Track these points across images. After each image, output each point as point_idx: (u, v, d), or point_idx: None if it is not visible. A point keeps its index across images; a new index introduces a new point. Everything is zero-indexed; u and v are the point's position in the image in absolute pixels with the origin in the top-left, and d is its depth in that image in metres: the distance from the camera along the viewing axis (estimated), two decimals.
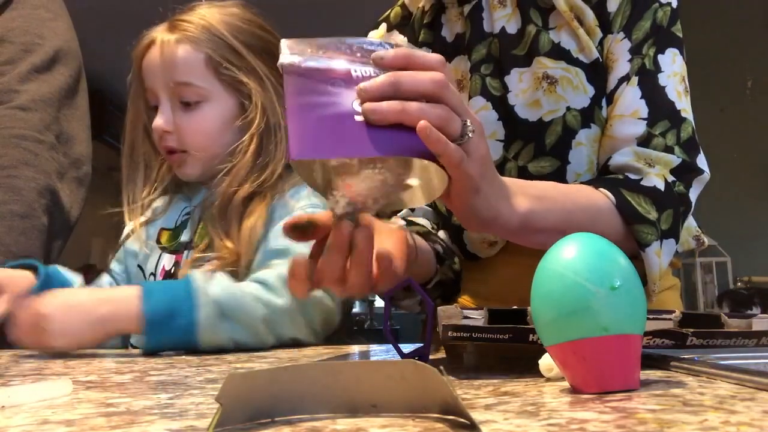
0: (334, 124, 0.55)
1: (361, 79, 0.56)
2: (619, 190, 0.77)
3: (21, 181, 1.02)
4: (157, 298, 0.80)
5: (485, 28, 0.89)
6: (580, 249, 0.41)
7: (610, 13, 0.84)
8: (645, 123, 0.81)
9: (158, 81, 0.97)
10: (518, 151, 0.85)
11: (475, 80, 0.88)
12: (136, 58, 0.99)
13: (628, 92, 0.83)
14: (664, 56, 0.84)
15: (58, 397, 0.45)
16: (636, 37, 0.84)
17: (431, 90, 0.56)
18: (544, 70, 0.84)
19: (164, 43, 0.96)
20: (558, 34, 0.85)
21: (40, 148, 1.06)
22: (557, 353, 0.41)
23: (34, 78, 1.10)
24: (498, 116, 0.86)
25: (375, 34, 1.03)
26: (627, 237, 0.77)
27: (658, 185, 0.78)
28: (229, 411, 0.32)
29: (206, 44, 0.96)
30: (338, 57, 0.58)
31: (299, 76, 0.57)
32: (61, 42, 1.15)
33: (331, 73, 0.57)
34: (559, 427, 0.31)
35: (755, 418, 0.31)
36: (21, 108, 1.06)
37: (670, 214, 0.78)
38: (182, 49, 0.96)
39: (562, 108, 0.83)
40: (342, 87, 0.56)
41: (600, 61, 0.84)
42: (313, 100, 0.56)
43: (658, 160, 0.80)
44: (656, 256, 0.77)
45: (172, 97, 0.96)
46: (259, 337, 0.83)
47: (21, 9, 1.14)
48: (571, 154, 0.84)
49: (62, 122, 1.12)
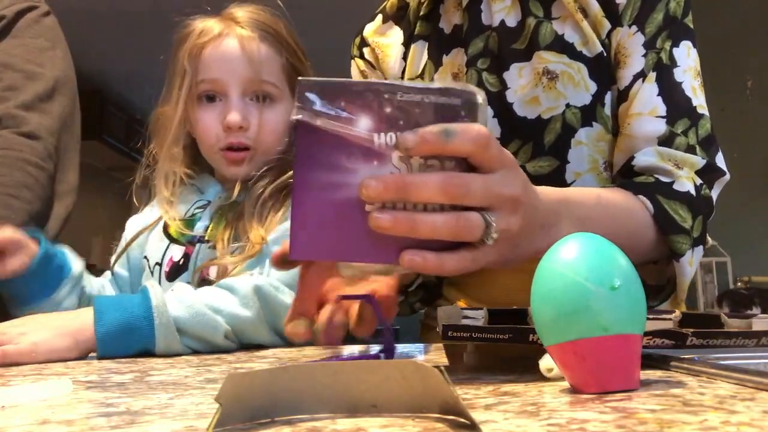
0: (340, 217, 0.49)
1: (384, 148, 0.48)
2: (655, 196, 0.75)
3: (18, 201, 1.05)
4: (112, 317, 0.79)
5: (484, 21, 0.88)
6: (580, 249, 0.41)
7: (618, 5, 0.82)
8: (665, 121, 0.79)
9: (232, 74, 0.95)
10: (516, 150, 0.84)
11: (471, 75, 0.86)
12: (192, 49, 0.97)
13: (645, 89, 0.80)
14: (678, 50, 0.82)
15: (58, 397, 0.45)
16: (649, 31, 0.81)
17: (443, 200, 0.48)
18: (545, 65, 0.82)
19: (245, 39, 0.95)
20: (562, 25, 0.83)
21: (42, 176, 1.09)
22: (557, 353, 0.41)
23: (38, 107, 1.13)
24: (493, 113, 0.84)
25: (371, 26, 1.02)
26: (658, 245, 0.76)
27: (691, 190, 0.76)
28: (228, 411, 0.32)
29: (285, 48, 0.99)
30: (363, 111, 0.48)
31: (310, 144, 0.49)
32: (59, 71, 1.18)
33: (350, 139, 0.48)
34: (559, 427, 0.31)
35: (755, 418, 0.31)
36: (29, 136, 1.09)
37: (700, 221, 0.77)
38: (265, 47, 0.96)
39: (561, 105, 0.81)
40: (359, 161, 0.48)
41: (604, 56, 0.82)
42: (322, 179, 0.49)
43: (684, 162, 0.78)
44: (689, 266, 0.76)
45: (243, 94, 0.95)
46: (220, 347, 0.83)
47: (21, 38, 1.18)
48: (570, 153, 0.82)
49: (60, 152, 1.15)
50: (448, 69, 0.91)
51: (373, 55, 1.01)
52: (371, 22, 1.03)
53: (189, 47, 0.97)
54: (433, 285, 0.90)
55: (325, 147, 0.49)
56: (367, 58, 1.01)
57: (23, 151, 1.08)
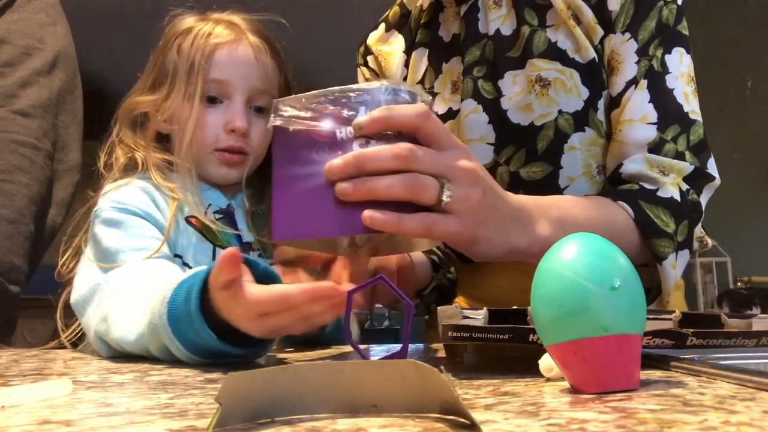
0: (315, 200, 0.58)
1: (344, 141, 0.58)
2: (637, 201, 0.76)
3: (14, 186, 1.02)
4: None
5: (480, 29, 0.89)
6: (580, 249, 0.41)
7: (611, 12, 0.83)
8: (655, 127, 0.80)
9: (244, 80, 0.93)
10: (510, 156, 0.85)
11: (467, 83, 0.87)
12: (204, 47, 0.93)
13: (636, 96, 0.81)
14: (671, 56, 0.83)
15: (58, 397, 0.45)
16: (642, 38, 0.82)
17: (395, 166, 0.56)
18: (538, 72, 0.83)
19: (258, 49, 0.94)
20: (555, 33, 0.84)
21: (37, 156, 1.06)
22: (557, 353, 0.41)
23: (34, 82, 1.09)
24: (489, 119, 0.86)
25: (374, 35, 1.03)
26: (643, 249, 0.76)
27: (675, 195, 0.77)
28: (228, 411, 0.32)
29: (283, 67, 0.98)
30: (326, 114, 0.59)
31: (285, 145, 0.60)
32: (60, 47, 1.15)
33: (316, 136, 0.58)
34: (559, 427, 0.31)
35: (755, 418, 0.31)
36: (21, 113, 1.06)
37: (685, 225, 0.78)
38: (271, 61, 0.96)
39: (554, 112, 0.82)
40: (326, 152, 0.58)
41: (596, 62, 0.83)
42: (296, 172, 0.59)
43: (671, 168, 0.79)
44: (672, 269, 0.77)
45: (248, 101, 0.95)
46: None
47: (21, 12, 1.14)
48: (563, 158, 0.83)
49: (59, 129, 1.11)
50: (447, 77, 0.92)
51: (376, 63, 1.02)
52: (374, 31, 1.04)
53: (200, 45, 0.95)
54: (446, 287, 0.91)
55: (296, 146, 0.59)
56: (371, 66, 1.03)
57: (14, 132, 1.04)
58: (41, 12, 1.16)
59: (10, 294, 0.99)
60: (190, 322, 0.61)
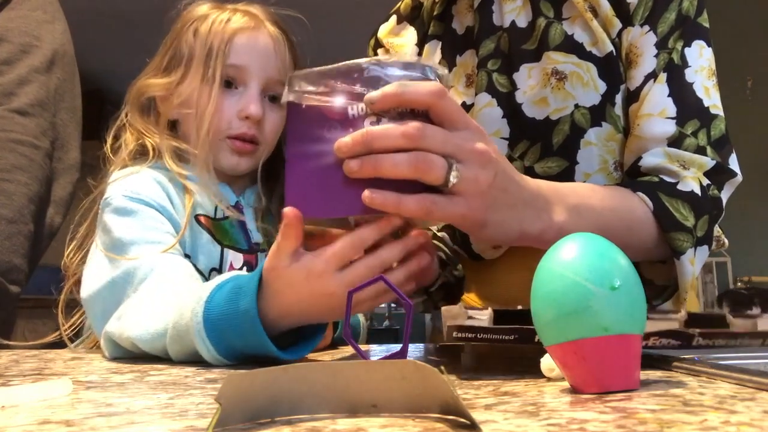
0: (325, 178, 0.57)
1: (356, 119, 0.57)
2: (657, 194, 0.75)
3: (13, 185, 1.01)
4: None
5: (495, 22, 0.87)
6: (580, 249, 0.41)
7: (630, 4, 0.81)
8: (674, 122, 0.78)
9: (262, 68, 0.92)
10: (524, 150, 0.83)
11: (482, 76, 0.86)
12: (223, 33, 0.91)
13: (655, 90, 0.79)
14: (690, 50, 0.81)
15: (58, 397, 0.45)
16: (661, 31, 0.81)
17: (403, 144, 0.55)
18: (554, 65, 0.81)
19: (277, 39, 0.94)
20: (572, 26, 0.83)
21: (36, 154, 1.05)
22: (557, 353, 0.41)
23: (32, 80, 1.08)
24: (503, 113, 0.84)
25: (385, 27, 1.02)
26: (661, 243, 0.75)
27: (695, 189, 0.76)
28: (229, 411, 0.32)
29: (297, 60, 0.97)
30: (339, 90, 0.58)
31: (298, 123, 0.59)
32: (58, 45, 1.14)
33: (328, 113, 0.58)
34: (559, 427, 0.31)
35: (755, 418, 0.31)
36: (19, 112, 1.05)
37: (705, 221, 0.76)
38: (289, 53, 0.95)
39: (570, 106, 0.80)
40: (337, 130, 0.58)
41: (614, 55, 0.81)
42: (309, 149, 0.58)
43: (691, 162, 0.77)
44: (690, 264, 0.75)
45: (263, 90, 0.92)
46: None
47: (19, 9, 1.13)
48: (579, 154, 0.81)
49: (58, 128, 1.10)
50: (461, 71, 0.91)
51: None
52: (385, 23, 1.03)
53: (218, 30, 0.93)
54: (452, 284, 0.90)
55: (309, 123, 0.58)
56: None
57: (12, 131, 1.03)
58: (39, 9, 1.15)
59: (9, 294, 0.98)
60: (237, 322, 0.61)
